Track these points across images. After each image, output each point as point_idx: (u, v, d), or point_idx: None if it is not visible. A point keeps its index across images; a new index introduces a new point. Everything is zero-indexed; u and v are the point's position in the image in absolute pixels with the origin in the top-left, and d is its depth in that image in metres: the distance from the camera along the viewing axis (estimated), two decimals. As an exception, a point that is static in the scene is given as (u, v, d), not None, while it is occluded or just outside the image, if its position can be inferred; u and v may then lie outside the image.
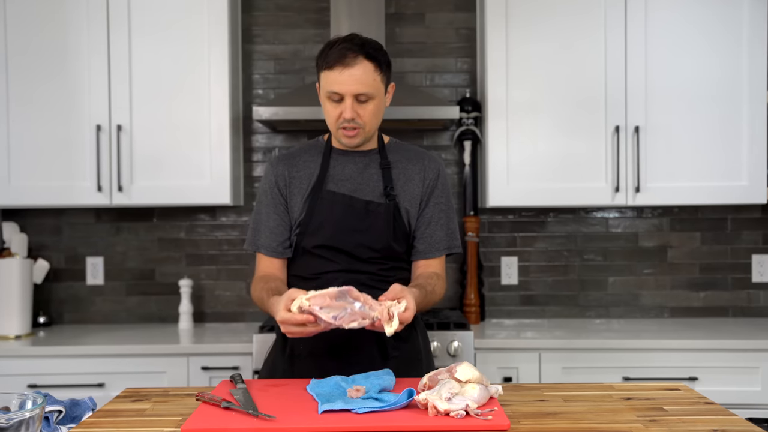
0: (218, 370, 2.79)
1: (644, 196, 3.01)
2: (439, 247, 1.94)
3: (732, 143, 3.00)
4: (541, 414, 1.48)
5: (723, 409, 1.52)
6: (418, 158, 1.97)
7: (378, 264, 1.90)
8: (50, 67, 3.00)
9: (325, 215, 1.88)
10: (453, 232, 1.97)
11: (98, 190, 2.99)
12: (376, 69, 1.82)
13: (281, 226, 1.94)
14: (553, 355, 2.80)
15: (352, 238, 1.87)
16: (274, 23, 3.36)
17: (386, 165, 1.93)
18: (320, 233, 1.88)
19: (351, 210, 1.88)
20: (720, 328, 3.07)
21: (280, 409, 1.46)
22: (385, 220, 1.88)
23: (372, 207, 1.88)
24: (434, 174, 1.95)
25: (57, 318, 3.34)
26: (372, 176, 1.92)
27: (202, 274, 3.35)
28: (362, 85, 1.80)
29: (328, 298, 1.56)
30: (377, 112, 1.86)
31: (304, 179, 1.93)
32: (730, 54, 3.00)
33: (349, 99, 1.81)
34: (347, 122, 1.83)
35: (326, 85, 1.83)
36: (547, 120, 3.03)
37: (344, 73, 1.79)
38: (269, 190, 1.96)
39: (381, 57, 1.84)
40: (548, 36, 3.02)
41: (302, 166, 1.95)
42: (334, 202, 1.89)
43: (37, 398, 1.08)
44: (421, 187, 1.93)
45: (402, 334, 1.87)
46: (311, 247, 1.90)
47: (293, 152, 2.00)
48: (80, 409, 1.55)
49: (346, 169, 1.92)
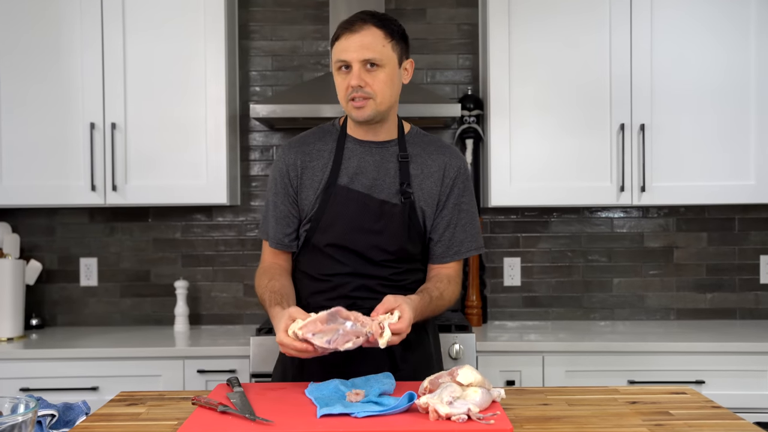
0: (215, 373, 2.78)
1: (650, 195, 3.01)
2: (459, 251, 1.89)
3: (739, 141, 3.00)
4: (544, 418, 1.48)
5: (730, 413, 1.52)
6: (439, 153, 1.90)
7: (390, 268, 1.86)
8: (42, 63, 2.99)
9: (338, 212, 1.83)
10: (476, 233, 1.92)
11: (92, 189, 2.99)
12: (386, 36, 1.76)
13: (288, 217, 1.90)
14: (556, 358, 2.80)
15: (365, 238, 1.83)
16: (271, 19, 3.36)
17: (404, 158, 1.86)
18: (332, 231, 1.84)
19: (366, 209, 1.83)
20: (727, 330, 3.07)
21: (277, 414, 1.46)
22: (401, 222, 1.83)
23: (387, 207, 1.83)
24: (455, 172, 1.88)
25: (50, 320, 3.34)
26: (389, 171, 1.85)
27: (199, 276, 3.35)
28: (369, 50, 1.74)
29: (319, 323, 1.56)
30: (389, 83, 1.78)
31: (317, 170, 1.87)
32: (737, 50, 3.00)
33: (356, 65, 1.74)
34: (355, 91, 1.76)
35: (335, 56, 1.79)
36: (550, 118, 3.02)
37: (350, 38, 1.74)
38: (279, 179, 1.91)
39: (392, 26, 1.79)
40: (552, 32, 3.01)
41: (316, 155, 1.88)
42: (349, 199, 1.83)
43: (29, 402, 1.08)
44: (440, 185, 1.87)
45: (411, 344, 1.85)
46: (322, 245, 1.86)
47: (307, 138, 1.92)
48: (73, 414, 1.54)
49: (363, 162, 1.86)
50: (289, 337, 1.58)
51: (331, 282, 1.86)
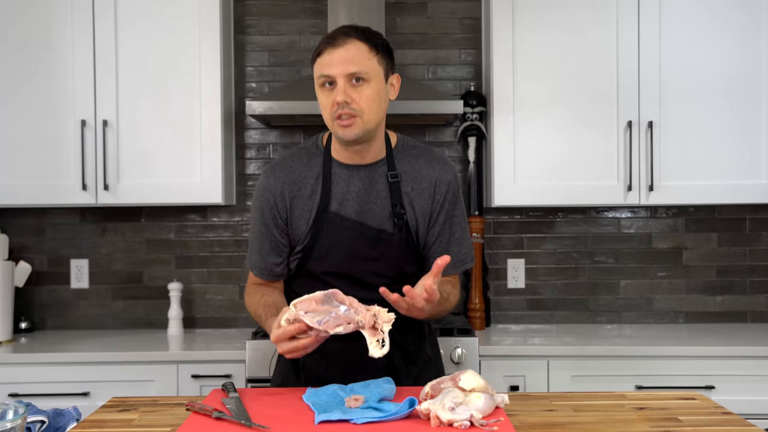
0: (209, 378, 2.79)
1: (658, 195, 3.01)
2: (454, 265, 1.89)
3: (751, 139, 3.00)
4: (549, 424, 1.48)
5: (741, 419, 1.52)
6: (429, 167, 1.88)
7: (388, 288, 1.87)
8: (32, 58, 2.99)
9: (334, 241, 1.83)
10: (468, 246, 1.94)
11: (83, 188, 2.99)
12: (371, 50, 1.75)
13: (279, 248, 1.89)
14: (562, 363, 2.80)
15: (363, 265, 1.84)
16: (268, 13, 3.36)
17: (394, 177, 1.85)
18: (328, 260, 1.84)
19: (362, 237, 1.83)
20: (738, 334, 3.07)
21: (274, 420, 1.46)
22: (399, 249, 1.85)
23: (384, 236, 1.83)
24: (446, 187, 1.88)
25: (39, 323, 3.34)
26: (380, 194, 1.85)
27: (193, 277, 3.35)
28: (354, 64, 1.72)
29: (314, 302, 1.56)
30: (376, 98, 1.75)
31: (306, 198, 1.85)
32: (749, 44, 3.00)
33: (341, 80, 1.72)
34: (341, 108, 1.73)
35: (317, 72, 1.77)
36: (555, 115, 3.03)
37: (333, 53, 1.73)
38: (267, 211, 1.87)
39: (377, 39, 1.78)
40: (557, 26, 3.02)
41: (303, 183, 1.86)
42: (343, 228, 1.83)
43: (18, 408, 1.08)
44: (431, 202, 1.87)
45: (413, 355, 1.85)
46: (318, 273, 1.86)
47: (290, 164, 1.88)
48: (64, 420, 1.54)
49: (351, 186, 1.84)
50: (281, 328, 1.57)
51: None
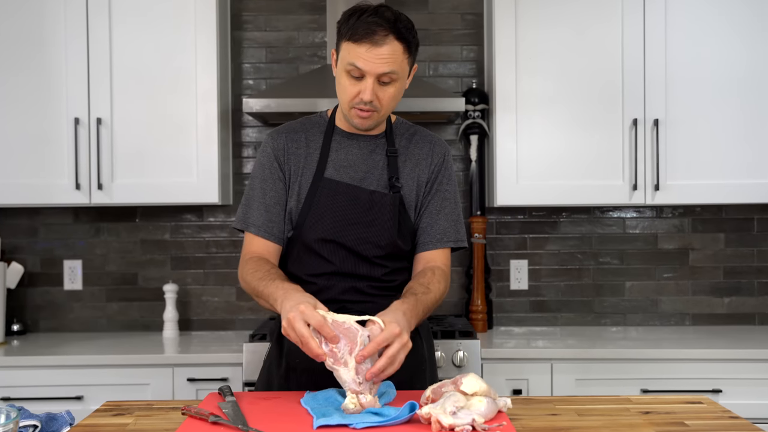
0: (205, 381, 2.79)
1: (664, 194, 3.01)
2: (442, 239, 1.92)
3: (759, 138, 3.00)
4: (553, 429, 1.48)
5: (749, 423, 1.52)
6: (425, 141, 1.97)
7: (380, 266, 1.88)
8: (24, 54, 2.99)
9: (327, 206, 1.87)
10: (458, 224, 1.96)
11: (76, 188, 2.99)
12: (405, 51, 1.80)
13: (278, 204, 1.90)
14: (565, 366, 2.80)
15: (354, 232, 1.86)
16: (265, 8, 3.36)
17: (393, 152, 1.93)
18: (320, 225, 1.87)
19: (355, 201, 1.87)
20: (746, 336, 3.07)
21: (271, 424, 1.46)
22: (391, 213, 1.87)
23: (377, 197, 1.87)
24: (440, 157, 1.96)
25: (32, 326, 3.34)
26: (377, 163, 1.92)
27: (189, 279, 3.35)
28: (387, 65, 1.77)
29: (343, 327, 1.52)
30: (397, 96, 1.85)
31: (301, 158, 1.91)
32: (757, 41, 3.00)
33: (371, 79, 1.78)
34: (364, 104, 1.80)
35: (348, 57, 1.79)
36: (559, 112, 3.03)
37: (371, 51, 1.76)
38: (267, 164, 1.92)
39: (412, 38, 1.82)
40: (561, 22, 3.02)
41: (303, 144, 1.93)
42: (337, 192, 1.87)
43: (10, 412, 1.08)
44: (427, 173, 1.94)
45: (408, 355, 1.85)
46: (310, 241, 1.88)
47: (294, 127, 1.96)
48: (57, 424, 1.55)
49: (350, 155, 1.92)
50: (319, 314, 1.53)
51: (317, 285, 1.87)
